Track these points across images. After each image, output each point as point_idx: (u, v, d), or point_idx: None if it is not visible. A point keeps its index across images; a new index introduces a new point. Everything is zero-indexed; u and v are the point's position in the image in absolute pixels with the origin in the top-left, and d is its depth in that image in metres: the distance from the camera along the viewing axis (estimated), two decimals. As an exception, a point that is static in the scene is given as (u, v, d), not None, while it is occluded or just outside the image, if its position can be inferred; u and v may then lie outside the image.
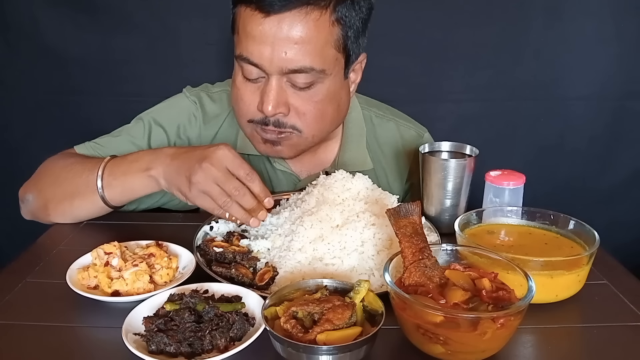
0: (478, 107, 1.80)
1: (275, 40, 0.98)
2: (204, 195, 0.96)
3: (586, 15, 1.70)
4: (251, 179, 0.96)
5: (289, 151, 1.14)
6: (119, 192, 1.07)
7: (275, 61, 1.00)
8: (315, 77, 1.03)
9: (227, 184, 0.94)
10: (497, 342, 0.73)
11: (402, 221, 0.84)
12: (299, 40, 0.98)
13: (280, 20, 0.97)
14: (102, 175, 1.06)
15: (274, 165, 1.25)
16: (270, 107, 1.03)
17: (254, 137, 1.14)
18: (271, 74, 1.02)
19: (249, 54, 1.02)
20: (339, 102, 1.12)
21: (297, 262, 0.92)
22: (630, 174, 1.86)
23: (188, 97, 1.26)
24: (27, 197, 1.16)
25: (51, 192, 1.12)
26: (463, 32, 1.71)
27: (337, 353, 0.69)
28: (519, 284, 0.77)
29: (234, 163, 0.95)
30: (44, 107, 1.80)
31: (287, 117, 1.07)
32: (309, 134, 1.11)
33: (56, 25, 1.70)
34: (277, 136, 1.10)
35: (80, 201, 1.10)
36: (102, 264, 0.91)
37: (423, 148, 1.14)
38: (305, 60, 1.00)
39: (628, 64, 1.74)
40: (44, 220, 1.15)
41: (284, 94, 1.04)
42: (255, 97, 1.07)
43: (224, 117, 1.25)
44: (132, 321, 0.78)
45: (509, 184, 1.05)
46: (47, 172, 1.16)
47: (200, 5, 1.68)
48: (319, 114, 1.08)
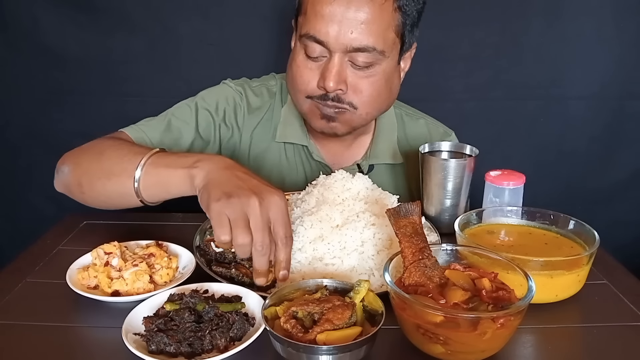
0: (478, 107, 1.79)
1: (343, 19, 1.06)
2: (225, 219, 0.82)
3: (586, 15, 1.69)
4: (286, 244, 0.85)
5: (342, 127, 1.19)
6: (153, 182, 0.98)
7: (341, 39, 1.07)
8: (374, 58, 1.10)
9: (259, 234, 0.82)
10: (497, 342, 0.73)
11: (402, 221, 0.84)
12: (364, 20, 1.06)
13: (349, 2, 1.05)
14: (145, 162, 0.98)
15: (311, 155, 1.31)
16: (332, 83, 1.09)
17: (312, 112, 1.19)
18: (334, 52, 1.09)
19: (316, 32, 1.08)
20: (392, 85, 1.19)
21: (297, 262, 0.93)
22: (630, 174, 1.86)
23: (232, 87, 1.31)
24: (63, 168, 1.09)
25: (89, 168, 1.06)
26: (463, 32, 1.71)
27: (337, 353, 0.69)
28: (519, 284, 0.77)
29: (281, 218, 0.85)
30: (44, 107, 1.79)
31: (345, 94, 1.13)
32: (363, 111, 1.17)
33: (56, 25, 1.70)
34: (335, 111, 1.15)
35: (115, 183, 1.01)
36: (102, 264, 0.92)
37: (423, 148, 1.14)
38: (369, 40, 1.07)
39: (628, 64, 1.74)
40: (76, 197, 1.09)
41: (344, 72, 1.11)
42: (314, 74, 1.13)
43: (265, 109, 1.32)
44: (132, 321, 0.78)
45: (509, 184, 1.05)
46: (91, 148, 1.11)
47: (200, 5, 1.68)
48: (375, 92, 1.15)
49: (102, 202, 1.08)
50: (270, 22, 1.70)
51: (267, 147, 1.32)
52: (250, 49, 1.71)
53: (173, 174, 0.95)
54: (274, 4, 1.68)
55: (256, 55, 1.73)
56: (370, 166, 1.32)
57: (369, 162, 1.32)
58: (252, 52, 1.72)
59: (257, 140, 1.31)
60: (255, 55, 1.73)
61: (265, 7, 1.69)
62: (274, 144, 1.31)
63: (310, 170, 1.33)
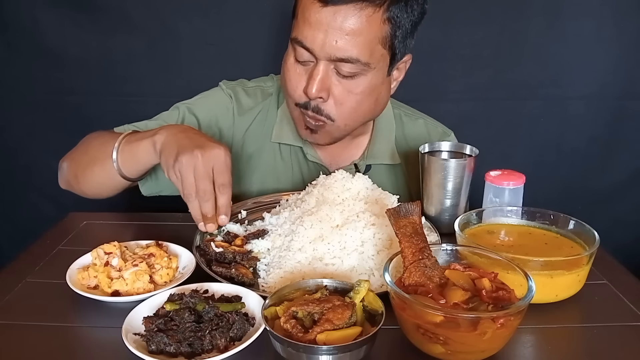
0: (478, 107, 1.79)
1: (328, 28, 1.06)
2: (178, 178, 0.98)
3: (586, 15, 1.69)
4: (223, 191, 0.98)
5: (323, 139, 1.21)
6: (128, 158, 1.10)
7: (326, 48, 1.07)
8: (359, 69, 1.10)
9: (200, 182, 0.96)
10: (497, 342, 0.73)
11: (402, 221, 0.84)
12: (350, 32, 1.05)
13: (336, 12, 1.05)
14: (120, 142, 1.10)
15: (306, 156, 1.32)
16: (314, 89, 1.10)
17: (299, 120, 1.21)
18: (320, 59, 1.09)
19: (303, 38, 1.09)
20: (378, 97, 1.18)
21: (297, 262, 0.92)
22: (630, 174, 1.86)
23: (224, 90, 1.33)
24: (62, 165, 1.22)
25: (80, 159, 1.19)
26: (463, 32, 1.71)
27: (337, 353, 0.69)
28: (519, 284, 0.77)
29: (220, 167, 0.97)
30: (43, 107, 1.79)
31: (325, 103, 1.14)
32: (341, 123, 1.17)
33: (56, 25, 1.70)
34: (315, 123, 1.17)
35: (99, 168, 1.14)
36: (102, 264, 0.92)
37: (423, 148, 1.14)
38: (353, 51, 1.07)
39: (628, 64, 1.74)
40: (76, 189, 1.21)
41: (328, 80, 1.11)
42: (302, 79, 1.14)
43: (258, 110, 1.33)
44: (132, 321, 0.78)
45: (509, 184, 1.05)
46: (83, 143, 1.23)
47: (200, 5, 1.68)
48: (356, 105, 1.15)
49: (96, 189, 1.19)
50: (270, 22, 1.70)
51: (262, 147, 1.32)
52: (250, 49, 1.72)
53: (140, 145, 1.07)
54: (274, 4, 1.68)
55: (256, 55, 1.73)
56: (368, 166, 1.32)
57: (366, 162, 1.32)
58: (252, 52, 1.72)
59: (250, 140, 1.32)
60: (255, 55, 1.73)
61: (265, 7, 1.69)
62: (269, 144, 1.32)
63: (307, 170, 1.33)
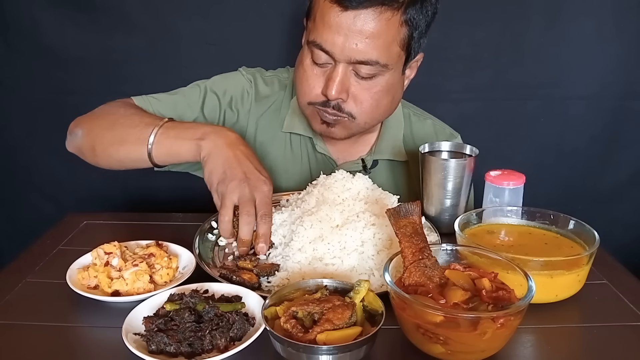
0: (478, 107, 1.79)
1: (348, 32, 1.07)
2: (219, 197, 0.99)
3: (586, 14, 1.69)
4: (265, 220, 0.98)
5: (341, 133, 1.22)
6: (165, 151, 1.10)
7: (346, 51, 1.08)
8: (377, 70, 1.12)
9: (246, 205, 0.97)
10: (497, 342, 0.73)
11: (402, 221, 0.84)
12: (369, 35, 1.07)
13: (356, 16, 1.06)
14: (157, 132, 1.09)
15: (315, 147, 1.33)
16: (334, 91, 1.11)
17: (313, 116, 1.22)
18: (339, 62, 1.11)
19: (322, 41, 1.10)
20: (394, 95, 1.21)
21: (297, 262, 0.93)
22: (630, 174, 1.86)
23: (244, 75, 1.35)
24: (76, 131, 1.19)
25: (102, 135, 1.16)
26: (463, 32, 1.71)
27: (337, 353, 0.69)
28: (519, 284, 0.77)
29: (264, 199, 0.99)
30: (44, 107, 1.79)
31: (345, 103, 1.15)
32: (361, 121, 1.19)
33: (56, 25, 1.70)
34: (334, 119, 1.18)
35: (128, 150, 1.13)
36: (102, 264, 0.92)
37: (423, 148, 1.14)
38: (373, 54, 1.08)
39: (628, 64, 1.74)
40: (88, 159, 1.20)
41: (347, 81, 1.13)
42: (319, 80, 1.15)
43: (273, 99, 1.35)
44: (132, 321, 0.78)
45: (509, 184, 1.05)
46: (105, 115, 1.20)
47: (200, 5, 1.68)
48: (375, 103, 1.17)
49: (113, 164, 1.19)
50: (271, 22, 1.70)
51: (273, 136, 1.34)
52: (250, 49, 1.71)
53: (182, 144, 1.07)
54: (274, 4, 1.68)
55: (256, 55, 1.72)
56: (375, 162, 1.33)
57: (373, 158, 1.33)
58: (252, 52, 1.72)
59: (262, 128, 1.33)
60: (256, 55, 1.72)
61: (265, 7, 1.69)
62: (280, 133, 1.33)
63: (315, 162, 1.35)
